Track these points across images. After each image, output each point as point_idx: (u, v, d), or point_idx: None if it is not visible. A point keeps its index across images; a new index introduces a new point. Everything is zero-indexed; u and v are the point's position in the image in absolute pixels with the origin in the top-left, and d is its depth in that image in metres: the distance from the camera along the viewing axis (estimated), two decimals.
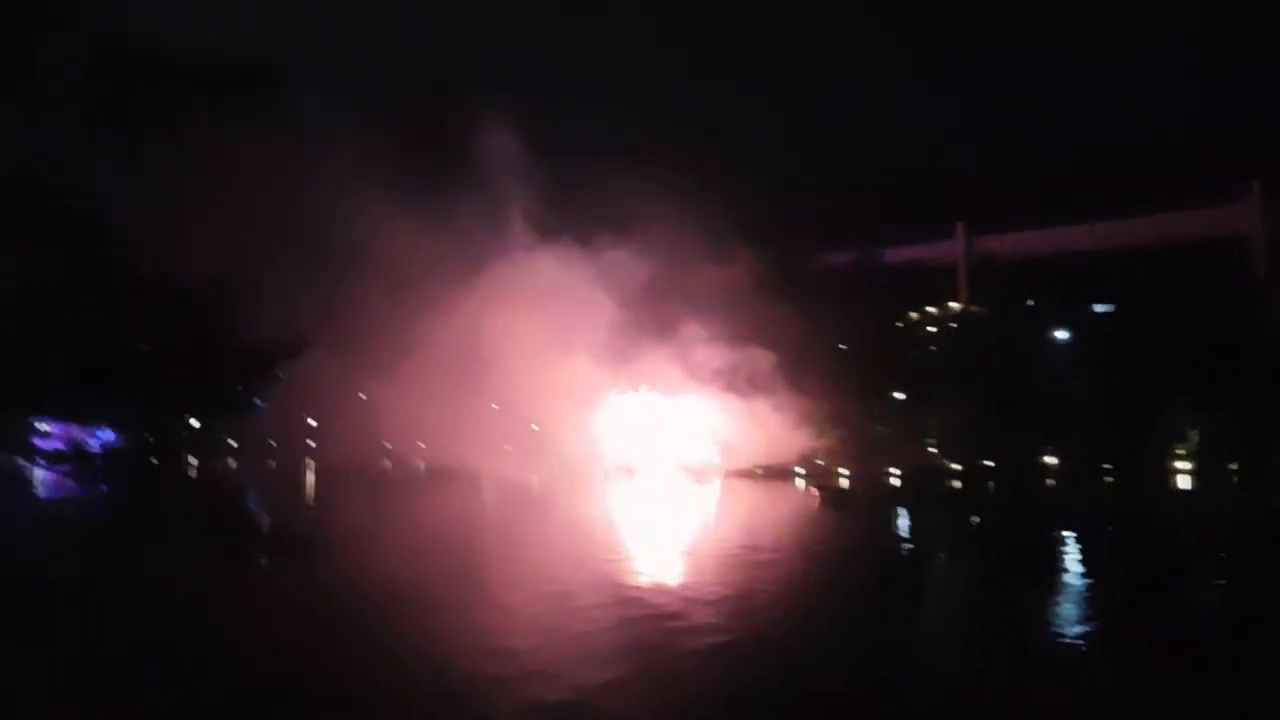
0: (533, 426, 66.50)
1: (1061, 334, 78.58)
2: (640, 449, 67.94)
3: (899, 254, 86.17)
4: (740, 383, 69.92)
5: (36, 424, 20.90)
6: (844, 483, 56.92)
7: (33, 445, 20.87)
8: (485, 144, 61.92)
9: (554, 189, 64.53)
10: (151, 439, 21.30)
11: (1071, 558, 32.03)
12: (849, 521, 43.51)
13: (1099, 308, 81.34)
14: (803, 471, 64.45)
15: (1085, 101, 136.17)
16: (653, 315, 68.47)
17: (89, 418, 20.03)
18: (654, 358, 68.42)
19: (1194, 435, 67.06)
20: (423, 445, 68.80)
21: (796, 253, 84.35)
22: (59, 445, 21.10)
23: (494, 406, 65.34)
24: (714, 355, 69.80)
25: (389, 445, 70.50)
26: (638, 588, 24.40)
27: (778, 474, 64.78)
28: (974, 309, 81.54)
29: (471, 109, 62.12)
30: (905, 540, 39.02)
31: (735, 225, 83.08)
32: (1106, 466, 62.91)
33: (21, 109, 16.79)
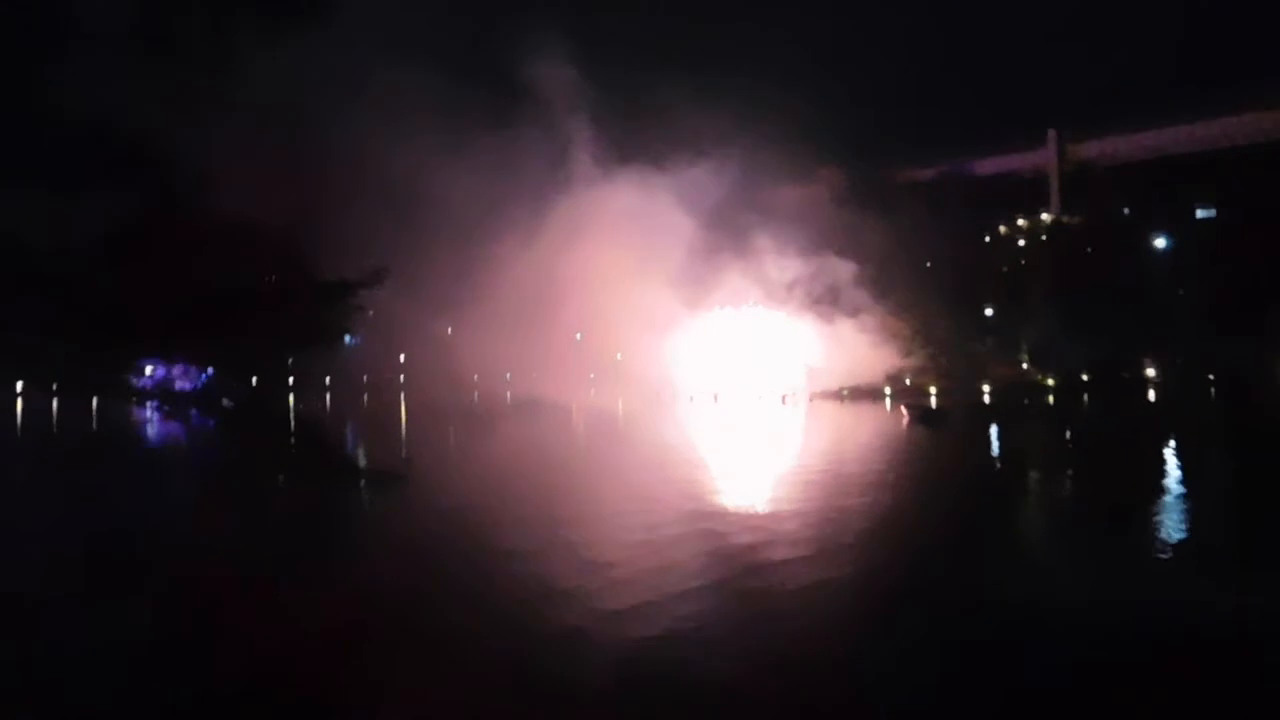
0: (616, 355, 66.60)
1: (1161, 241, 75.26)
2: (725, 372, 67.51)
3: (988, 164, 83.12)
4: (825, 302, 68.81)
5: (136, 366, 21.43)
6: (933, 401, 55.65)
7: (135, 387, 21.35)
8: (549, 69, 61.00)
9: (625, 108, 63.56)
10: (244, 376, 21.50)
11: (1172, 470, 30.79)
12: (940, 440, 42.46)
13: (1201, 212, 77.50)
14: (891, 391, 63.37)
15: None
16: (733, 236, 67.55)
17: (185, 358, 20.36)
18: (735, 279, 67.64)
19: None
20: (509, 377, 69.59)
21: (881, 166, 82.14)
22: (159, 386, 21.67)
23: (577, 336, 65.52)
24: (797, 274, 68.67)
25: (476, 379, 71.40)
26: (732, 512, 24.26)
27: (866, 394, 63.76)
28: (1067, 219, 78.30)
29: (532, 30, 61.37)
30: (999, 457, 37.97)
31: (817, 139, 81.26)
32: (1210, 376, 60.40)
33: (89, 53, 16.81)
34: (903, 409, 52.63)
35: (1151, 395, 59.65)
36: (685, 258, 64.80)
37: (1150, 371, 63.33)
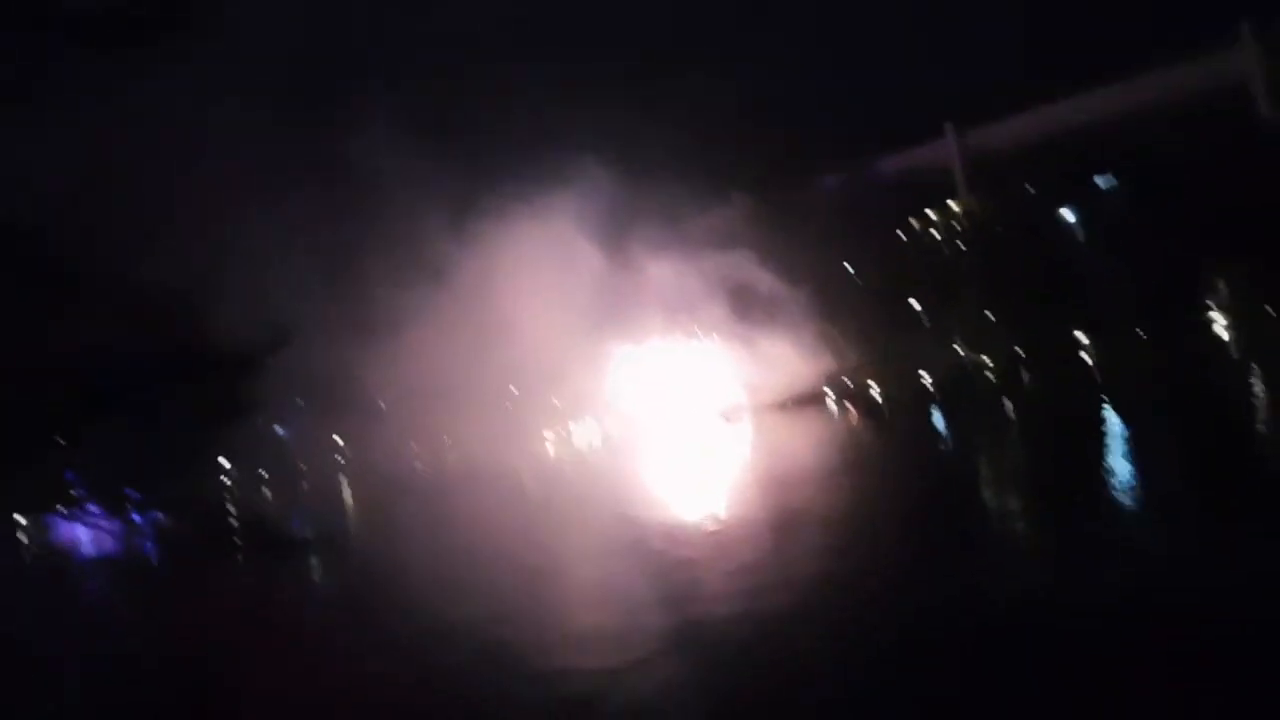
0: (554, 401, 66.01)
1: (1068, 213, 77.45)
2: (664, 400, 67.17)
3: (891, 165, 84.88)
4: (753, 319, 69.16)
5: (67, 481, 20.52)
6: (875, 395, 56.12)
7: (66, 502, 20.47)
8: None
9: (521, 141, 63.07)
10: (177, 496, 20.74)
11: (1116, 430, 31.35)
12: (886, 431, 42.97)
13: (1102, 182, 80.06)
14: (832, 393, 63.85)
15: None
16: (652, 266, 67.54)
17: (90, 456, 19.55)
18: (658, 309, 67.56)
19: (1222, 287, 65.80)
20: (448, 441, 68.30)
21: (789, 182, 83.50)
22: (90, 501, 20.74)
23: (512, 389, 64.79)
24: (722, 297, 68.95)
25: (415, 449, 69.92)
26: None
27: (809, 400, 64.13)
28: (975, 205, 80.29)
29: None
30: (944, 440, 38.42)
31: (720, 167, 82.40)
32: (1140, 334, 61.78)
33: None
34: (845, 407, 53.13)
35: (1089, 362, 60.89)
36: (603, 293, 64.38)
37: (1084, 340, 64.62)
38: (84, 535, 37.40)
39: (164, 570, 27.36)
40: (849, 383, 65.13)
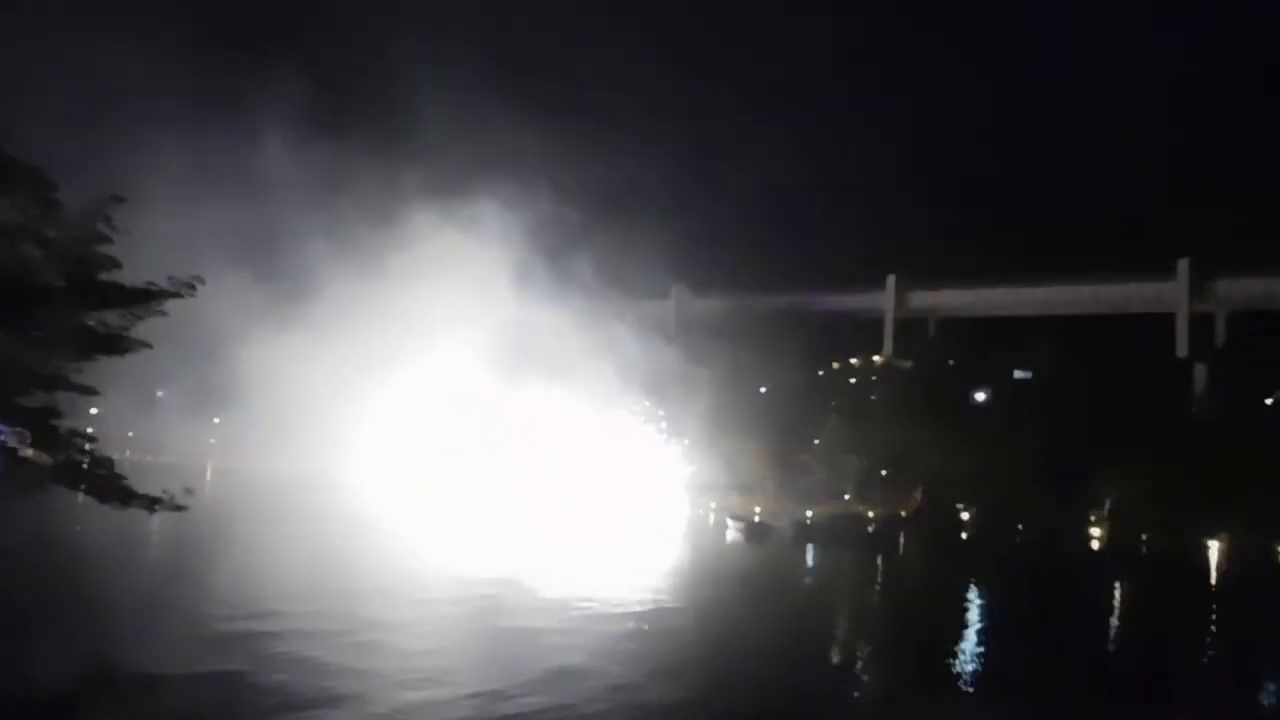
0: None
1: (981, 395, 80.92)
2: (562, 485, 66.53)
3: (830, 302, 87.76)
4: (662, 421, 70.13)
5: None
6: (760, 520, 57.04)
7: None
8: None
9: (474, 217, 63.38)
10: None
11: (974, 598, 32.62)
12: (765, 555, 43.81)
13: (1019, 374, 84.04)
14: (721, 507, 64.65)
15: (1024, 171, 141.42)
16: (576, 358, 67.68)
17: None
18: (569, 390, 67.67)
19: (1108, 501, 69.18)
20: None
21: (731, 294, 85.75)
22: None
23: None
24: (634, 388, 69.62)
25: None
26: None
27: (695, 510, 64.87)
28: (899, 362, 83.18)
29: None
30: (813, 574, 39.37)
31: (670, 264, 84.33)
32: (1020, 526, 64.43)
33: None
34: (729, 522, 53.95)
35: (963, 536, 63.02)
36: (517, 361, 64.03)
37: (964, 515, 67.02)
38: None
39: None
40: (739, 501, 66.20)
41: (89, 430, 20.40)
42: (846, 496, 67.43)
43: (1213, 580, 48.43)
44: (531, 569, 30.26)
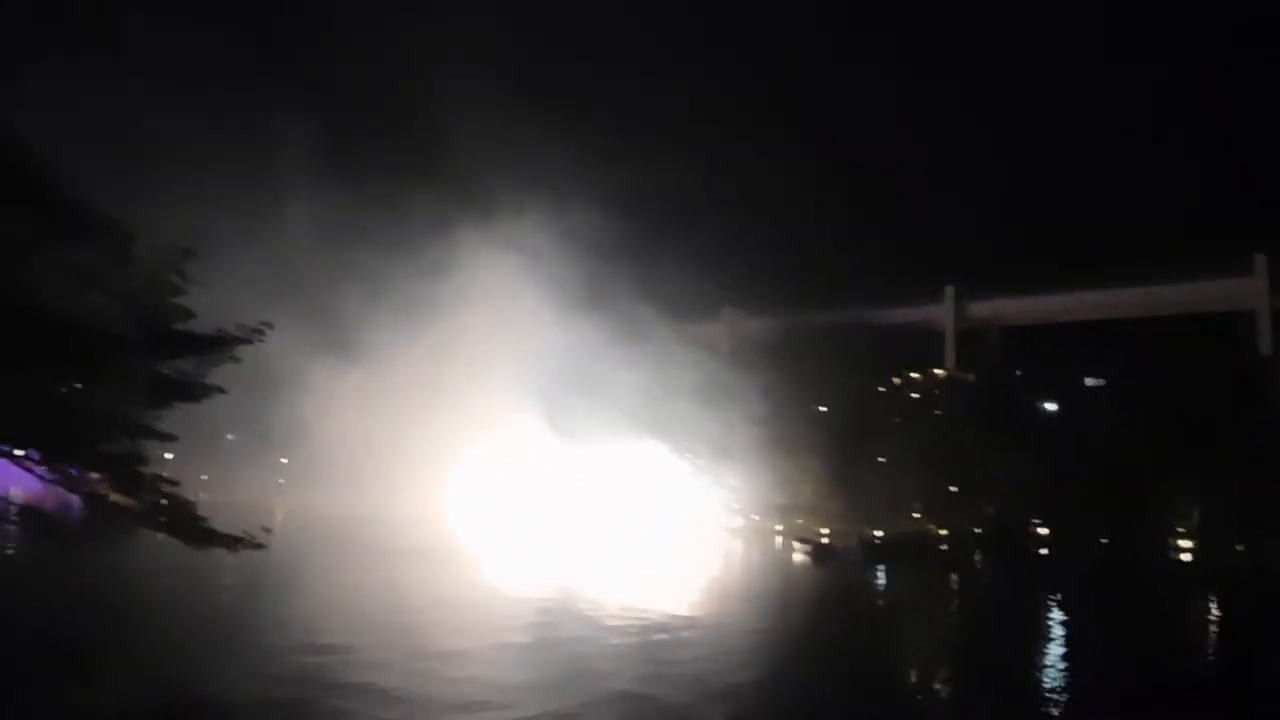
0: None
1: (1052, 404, 79.55)
2: (624, 512, 67.00)
3: (887, 316, 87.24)
4: (723, 444, 70.11)
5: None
6: (826, 541, 56.79)
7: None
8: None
9: (520, 237, 64.47)
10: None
11: (1056, 623, 32.14)
12: (834, 577, 43.67)
13: (1090, 381, 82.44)
14: (784, 529, 64.51)
15: (1085, 170, 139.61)
16: (624, 371, 68.28)
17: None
18: (624, 415, 68.16)
19: (1195, 512, 67.47)
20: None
21: (784, 312, 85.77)
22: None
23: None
24: (693, 416, 69.85)
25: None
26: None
27: (761, 532, 64.78)
28: (960, 375, 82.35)
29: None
30: (886, 595, 39.17)
31: (720, 284, 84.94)
32: (1103, 540, 63.10)
33: None
34: (795, 546, 53.84)
35: (1043, 553, 62.01)
36: (573, 397, 64.75)
37: (1042, 531, 65.90)
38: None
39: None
40: (804, 523, 65.97)
41: (169, 475, 21.37)
42: (915, 515, 66.77)
43: None
44: (602, 599, 30.76)
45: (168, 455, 25.27)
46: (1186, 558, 60.84)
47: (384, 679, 17.39)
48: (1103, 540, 63.14)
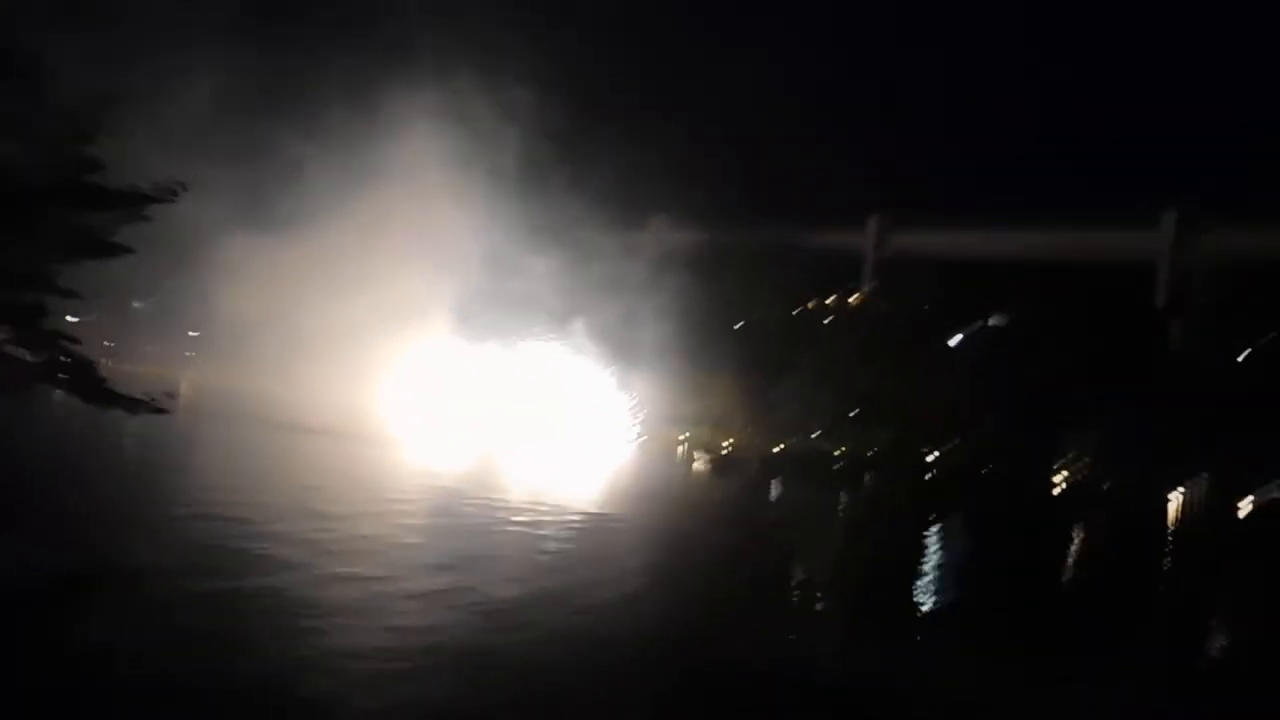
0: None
1: (956, 338, 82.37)
2: (534, 411, 67.76)
3: (813, 240, 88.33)
4: (635, 351, 71.03)
5: None
6: (727, 453, 58.71)
7: None
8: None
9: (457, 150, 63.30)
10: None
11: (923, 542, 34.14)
12: (727, 485, 45.45)
13: (994, 320, 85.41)
14: (688, 440, 66.23)
15: (1013, 112, 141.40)
16: (556, 278, 68.44)
17: None
18: (541, 314, 68.57)
19: (1071, 452, 71.14)
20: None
21: (712, 227, 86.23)
22: None
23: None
24: (610, 321, 70.54)
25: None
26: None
27: (666, 441, 66.32)
28: (875, 303, 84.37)
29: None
30: (772, 505, 41.11)
31: (649, 194, 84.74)
32: (983, 470, 66.37)
33: None
34: (696, 456, 55.70)
35: (927, 477, 65.00)
36: (494, 291, 64.67)
37: (931, 457, 68.90)
38: None
39: None
40: (709, 434, 67.94)
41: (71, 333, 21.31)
42: (816, 434, 69.09)
43: (1167, 527, 50.40)
44: (495, 487, 31.83)
45: (71, 319, 24.96)
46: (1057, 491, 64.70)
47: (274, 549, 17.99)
48: (985, 469, 66.57)
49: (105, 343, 56.99)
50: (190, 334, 79.66)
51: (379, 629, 13.06)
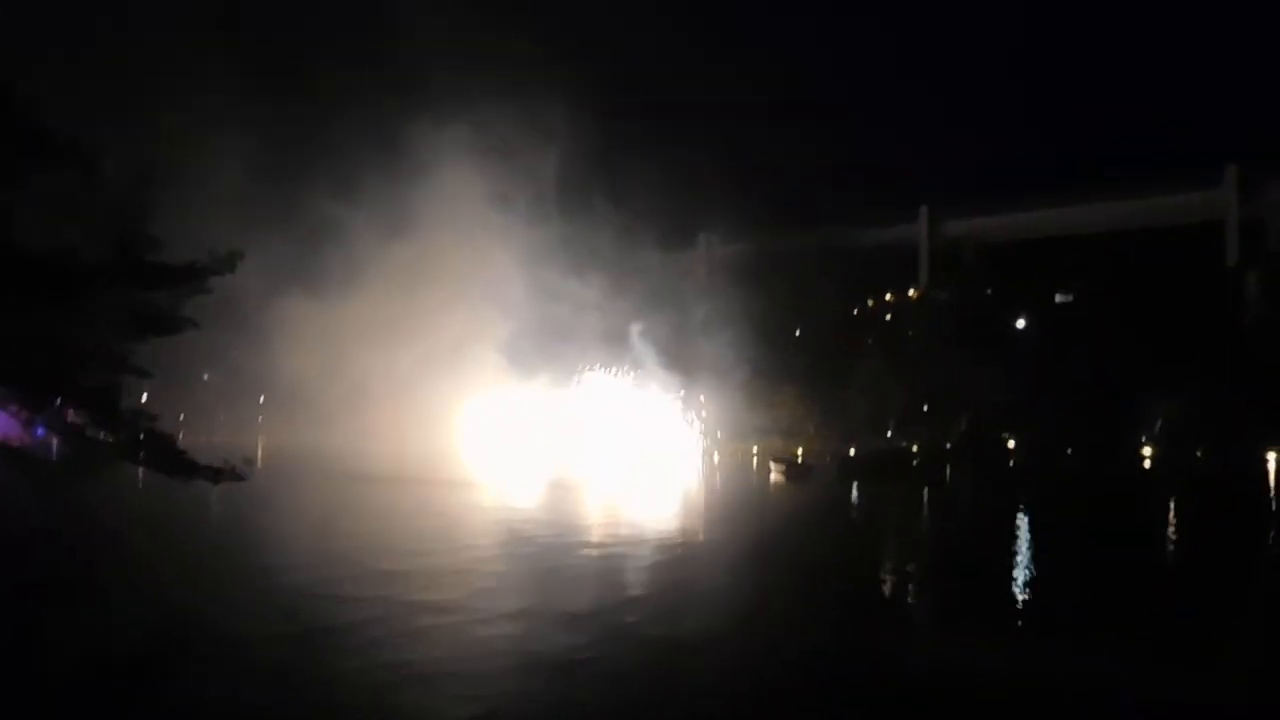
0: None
1: (1022, 321, 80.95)
2: (600, 440, 67.87)
3: (863, 237, 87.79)
4: (697, 369, 71.02)
5: None
6: (801, 460, 58.09)
7: None
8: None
9: (501, 177, 63.84)
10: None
11: (1023, 532, 33.23)
12: (808, 492, 44.87)
13: (1060, 297, 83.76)
14: (761, 451, 65.73)
15: (1056, 85, 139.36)
16: (610, 305, 68.66)
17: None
18: (604, 345, 68.82)
19: (1159, 421, 69.30)
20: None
21: (759, 237, 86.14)
22: None
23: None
24: (671, 342, 70.66)
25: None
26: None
27: (738, 454, 65.94)
28: (935, 294, 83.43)
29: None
30: (857, 507, 40.36)
31: (696, 211, 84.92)
32: (1070, 450, 64.84)
33: None
34: (770, 466, 55.12)
35: (1010, 464, 63.63)
36: (547, 325, 64.82)
37: (1010, 444, 67.60)
38: None
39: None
40: (780, 443, 67.33)
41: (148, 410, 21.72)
42: (889, 433, 68.22)
43: (1271, 495, 48.35)
44: (596, 518, 31.82)
45: (144, 396, 25.47)
46: (1147, 465, 62.71)
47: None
48: (1070, 450, 64.93)
49: (180, 416, 58.37)
50: (259, 399, 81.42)
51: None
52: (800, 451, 62.71)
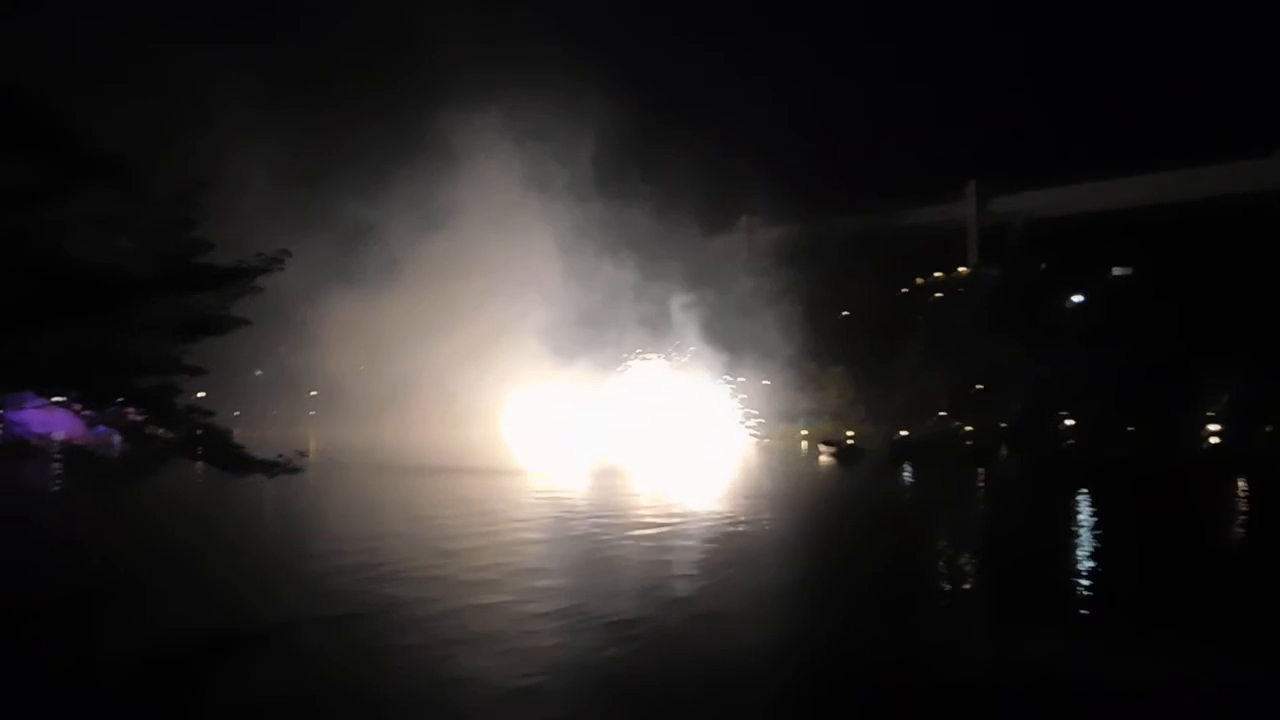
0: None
1: (1077, 297, 79.31)
2: (647, 426, 67.98)
3: (909, 216, 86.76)
4: (746, 352, 70.69)
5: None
6: (852, 442, 57.68)
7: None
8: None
9: (545, 164, 63.86)
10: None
11: (1084, 512, 32.60)
12: (859, 475, 44.62)
13: (1117, 270, 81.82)
14: (810, 434, 65.45)
15: (1106, 52, 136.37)
16: (650, 285, 68.63)
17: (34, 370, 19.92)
18: (652, 331, 68.73)
19: (1224, 397, 67.43)
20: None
21: (804, 217, 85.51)
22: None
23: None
24: (716, 326, 70.35)
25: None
26: None
27: (788, 437, 65.68)
28: (985, 272, 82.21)
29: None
30: (911, 489, 40.03)
31: (737, 193, 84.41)
32: (1130, 429, 63.48)
33: None
34: (820, 449, 54.89)
35: (1068, 443, 62.61)
36: (590, 311, 64.82)
37: (1069, 422, 66.44)
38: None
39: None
40: (830, 426, 66.93)
41: (203, 407, 22.23)
42: (941, 414, 67.46)
43: None
44: (646, 502, 31.90)
45: (200, 394, 26.00)
46: (1215, 442, 61.13)
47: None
48: (1130, 429, 63.61)
49: (234, 413, 59.45)
50: (310, 394, 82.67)
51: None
52: (850, 434, 62.29)
